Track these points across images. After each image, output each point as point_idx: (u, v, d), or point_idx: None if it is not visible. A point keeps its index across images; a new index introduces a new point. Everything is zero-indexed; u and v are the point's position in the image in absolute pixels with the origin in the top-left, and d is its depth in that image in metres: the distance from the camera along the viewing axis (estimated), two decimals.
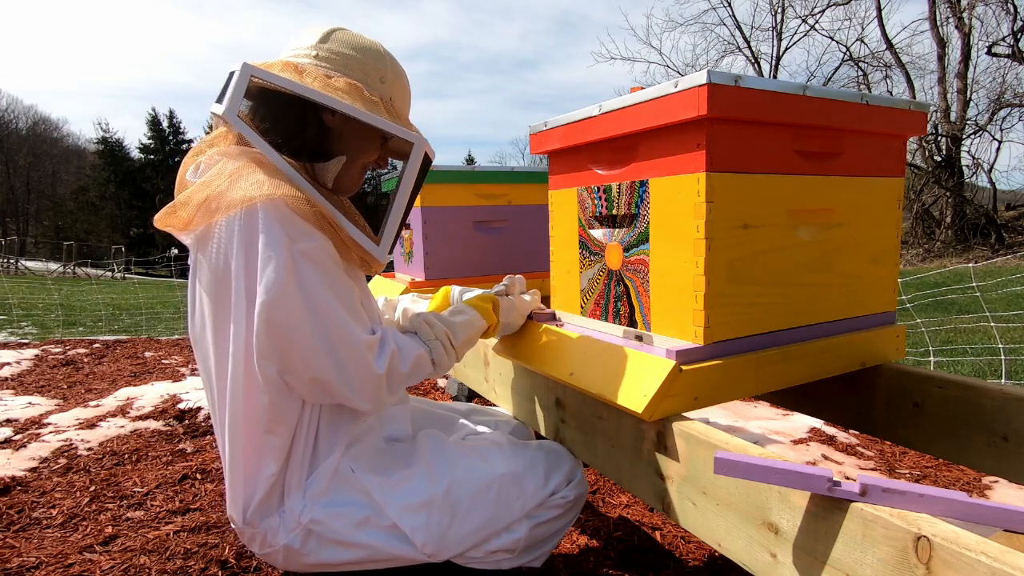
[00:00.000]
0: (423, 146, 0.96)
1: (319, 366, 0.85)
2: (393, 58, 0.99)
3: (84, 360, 4.20)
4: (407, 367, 0.93)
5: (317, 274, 0.84)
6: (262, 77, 0.88)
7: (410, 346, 0.95)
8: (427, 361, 0.97)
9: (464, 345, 1.04)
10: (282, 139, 0.91)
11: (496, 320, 1.12)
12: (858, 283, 1.13)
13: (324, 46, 0.94)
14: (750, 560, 0.74)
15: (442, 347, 0.99)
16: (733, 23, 19.33)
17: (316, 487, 0.94)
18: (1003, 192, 17.38)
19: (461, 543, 0.99)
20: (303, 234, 0.83)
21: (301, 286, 0.82)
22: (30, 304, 8.16)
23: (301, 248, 0.82)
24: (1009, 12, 13.88)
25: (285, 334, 0.82)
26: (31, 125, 41.53)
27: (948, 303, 6.14)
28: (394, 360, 0.91)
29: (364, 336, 0.88)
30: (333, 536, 0.93)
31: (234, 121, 0.88)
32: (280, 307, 0.81)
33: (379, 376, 0.89)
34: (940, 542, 0.52)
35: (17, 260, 21.28)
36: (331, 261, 0.87)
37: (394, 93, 0.98)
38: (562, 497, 1.10)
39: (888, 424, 1.19)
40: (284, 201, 0.82)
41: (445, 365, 1.00)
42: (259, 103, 0.93)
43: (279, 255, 0.80)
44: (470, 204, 1.89)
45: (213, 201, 0.83)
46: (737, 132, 0.91)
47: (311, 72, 0.90)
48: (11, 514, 1.77)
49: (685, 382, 0.90)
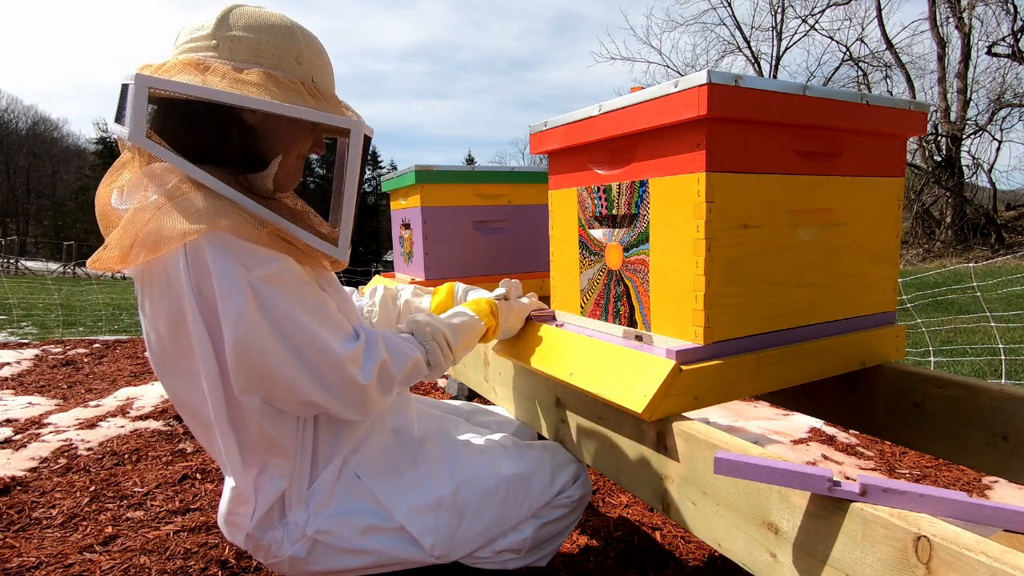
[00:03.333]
0: (361, 129, 0.86)
1: (302, 389, 0.82)
2: (305, 31, 0.87)
3: (84, 360, 4.20)
4: (400, 371, 0.91)
5: (281, 298, 0.79)
6: (162, 88, 0.76)
7: (404, 349, 0.93)
8: (422, 364, 0.95)
9: (462, 347, 1.03)
10: (203, 152, 0.80)
11: (495, 323, 1.11)
12: (858, 283, 1.13)
13: (224, 33, 0.81)
14: (750, 560, 0.74)
15: (439, 349, 0.97)
16: (733, 23, 19.35)
17: (319, 497, 0.92)
18: (1003, 192, 17.39)
19: (469, 544, 0.99)
20: (259, 260, 0.77)
21: (267, 315, 0.78)
22: (30, 304, 8.16)
23: (259, 275, 0.77)
24: (1009, 12, 13.88)
25: (261, 366, 0.79)
26: (31, 125, 41.57)
27: (948, 303, 6.14)
28: (384, 368, 0.88)
29: (344, 350, 0.84)
30: (340, 544, 0.92)
31: (145, 144, 0.75)
32: (250, 341, 0.77)
33: (364, 387, 0.85)
34: (940, 542, 0.52)
35: (17, 260, 21.28)
36: (295, 279, 0.81)
37: (314, 72, 0.87)
38: (567, 496, 1.10)
39: (888, 424, 1.19)
40: (228, 230, 0.75)
41: (442, 367, 0.98)
42: (165, 114, 0.82)
43: (237, 289, 0.75)
44: (470, 204, 1.89)
45: (148, 238, 0.74)
46: (737, 132, 0.91)
47: (217, 69, 0.79)
48: (11, 514, 1.77)
49: (685, 382, 0.90)
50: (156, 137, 0.78)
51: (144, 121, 0.75)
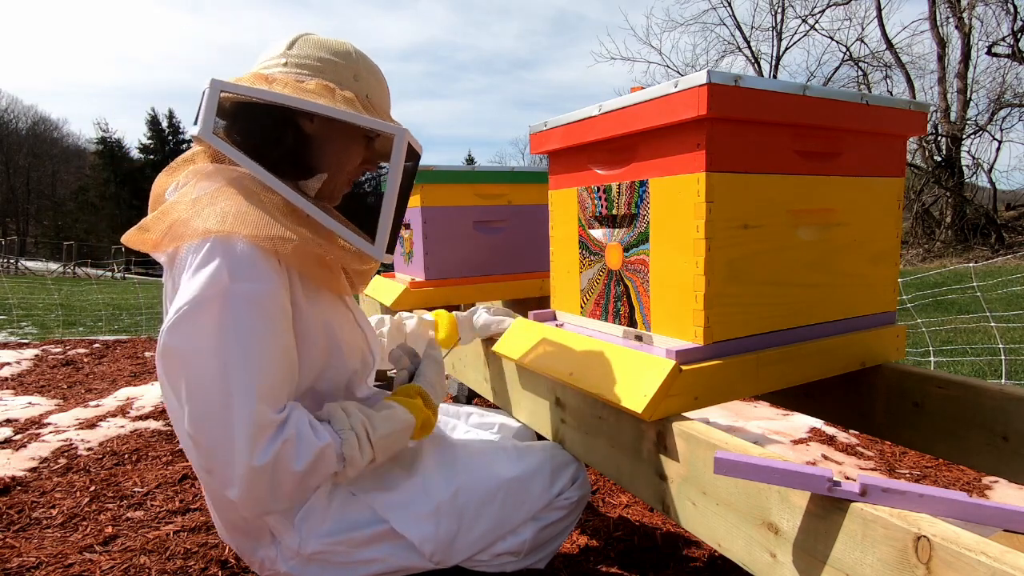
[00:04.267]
0: (405, 136, 0.90)
1: (197, 417, 0.75)
2: (365, 56, 0.96)
3: (84, 360, 4.20)
4: (301, 464, 0.78)
5: (246, 319, 0.76)
6: (231, 91, 0.85)
7: (313, 438, 0.80)
8: (332, 456, 0.81)
9: (385, 440, 0.88)
10: (260, 153, 0.86)
11: (428, 413, 0.97)
12: (858, 283, 1.13)
13: (291, 52, 0.91)
14: (750, 560, 0.74)
15: (355, 440, 0.84)
16: (733, 23, 19.34)
17: (312, 521, 0.90)
18: (1003, 192, 17.38)
19: (468, 549, 0.99)
20: (248, 275, 0.77)
21: (220, 325, 0.75)
22: (30, 304, 8.16)
23: (241, 288, 0.76)
24: (1009, 12, 13.87)
25: (181, 364, 0.76)
26: (31, 125, 41.56)
27: (948, 303, 6.14)
28: (284, 453, 0.76)
29: (263, 413, 0.76)
30: (338, 559, 0.92)
31: (210, 139, 0.84)
32: (182, 333, 0.75)
33: (250, 467, 0.75)
34: (940, 542, 0.52)
35: (17, 260, 21.28)
36: (275, 308, 0.80)
37: (370, 90, 0.94)
38: (566, 498, 1.10)
39: (888, 424, 1.19)
40: (245, 238, 0.77)
41: (357, 464, 0.84)
42: (233, 119, 0.89)
43: (209, 288, 0.75)
44: (470, 204, 1.89)
45: (178, 227, 0.79)
46: (737, 132, 0.91)
47: (281, 80, 0.87)
48: (11, 514, 1.77)
49: (685, 382, 0.90)
50: (222, 134, 0.86)
51: (212, 118, 0.84)
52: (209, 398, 0.75)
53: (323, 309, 0.92)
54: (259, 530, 0.92)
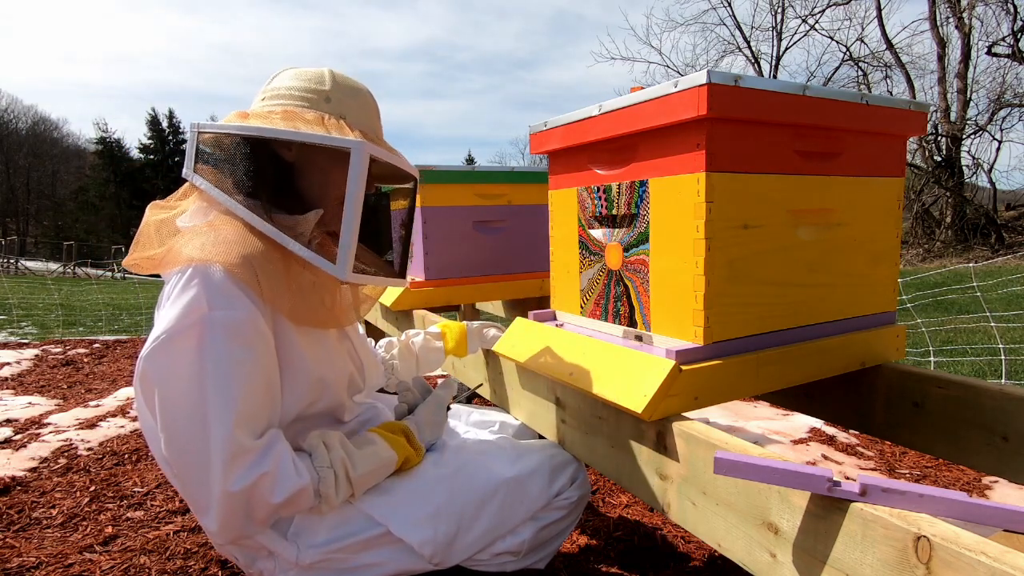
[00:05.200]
0: (363, 150, 0.84)
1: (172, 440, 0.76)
2: (346, 78, 0.96)
3: (84, 360, 4.20)
4: (279, 498, 0.79)
5: (224, 345, 0.78)
6: (207, 130, 0.90)
7: (293, 474, 0.81)
8: (309, 495, 0.83)
9: (364, 478, 0.90)
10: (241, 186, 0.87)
11: (411, 451, 0.99)
12: (858, 283, 1.13)
13: (270, 87, 0.95)
14: (750, 560, 0.74)
15: (334, 478, 0.85)
16: (733, 23, 19.33)
17: (306, 533, 0.90)
18: (1003, 192, 17.37)
19: (468, 550, 0.99)
20: (226, 303, 0.79)
21: (198, 351, 0.77)
22: (30, 304, 8.16)
23: (218, 316, 0.78)
24: (1009, 12, 13.87)
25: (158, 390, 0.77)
26: (31, 125, 41.54)
27: (948, 303, 6.14)
28: (262, 484, 0.77)
29: (239, 439, 0.76)
30: (336, 566, 0.92)
31: (191, 178, 0.89)
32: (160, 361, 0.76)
33: (226, 492, 0.75)
34: (940, 542, 0.52)
35: (17, 260, 21.27)
36: (254, 335, 0.81)
37: (346, 111, 0.93)
38: (566, 498, 1.10)
39: (888, 424, 1.19)
40: (222, 267, 0.80)
41: (332, 502, 0.86)
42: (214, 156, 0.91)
43: (187, 315, 0.77)
44: (470, 204, 1.89)
45: (168, 255, 0.85)
46: (737, 132, 0.91)
47: (255, 114, 0.91)
48: (11, 514, 1.77)
49: (685, 382, 0.90)
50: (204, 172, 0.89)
51: (192, 159, 0.89)
52: (186, 424, 0.76)
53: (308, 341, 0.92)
54: (254, 548, 0.91)
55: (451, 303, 1.98)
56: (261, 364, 0.82)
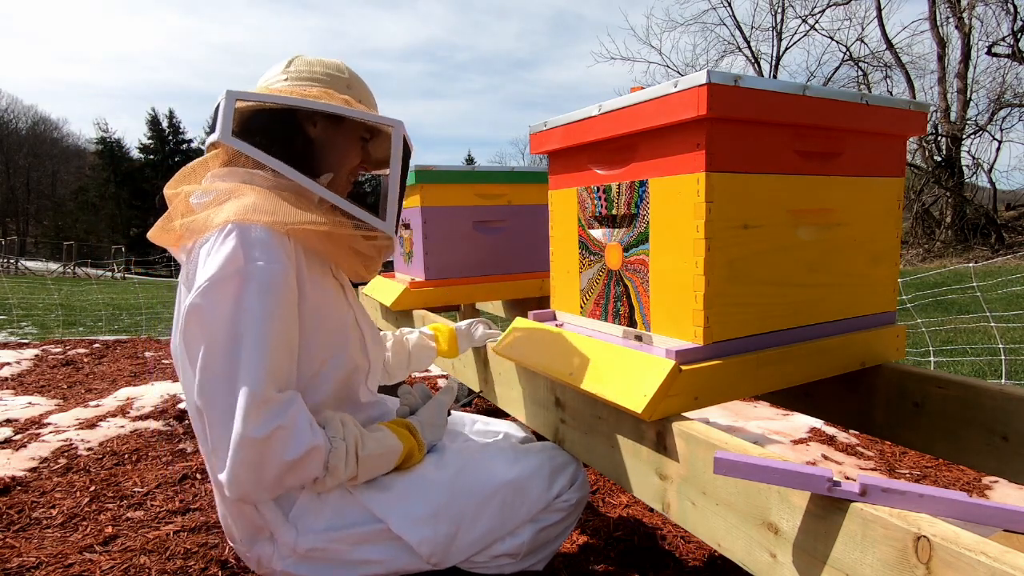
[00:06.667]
0: (402, 129, 1.01)
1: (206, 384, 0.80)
2: (352, 70, 1.07)
3: (84, 360, 4.20)
4: (291, 455, 0.80)
5: (259, 297, 0.82)
6: (246, 98, 0.94)
7: (308, 432, 0.83)
8: (320, 458, 0.84)
9: (370, 460, 0.91)
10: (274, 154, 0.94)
11: (414, 444, 1.00)
12: (858, 283, 1.13)
13: (290, 70, 1.01)
14: (750, 560, 0.74)
15: (344, 451, 0.87)
16: (733, 23, 19.34)
17: (306, 517, 0.92)
18: (1003, 192, 17.38)
19: (466, 551, 0.99)
20: (263, 256, 0.83)
21: (236, 300, 0.81)
22: (30, 304, 8.16)
23: (255, 268, 0.82)
24: (1009, 12, 13.87)
25: (201, 325, 0.81)
26: (31, 125, 41.55)
27: (948, 303, 6.14)
28: (277, 437, 0.79)
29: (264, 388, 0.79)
30: (333, 557, 0.92)
31: (231, 142, 0.92)
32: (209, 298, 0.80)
33: (245, 437, 0.77)
34: (940, 542, 0.52)
35: (17, 260, 21.28)
36: (286, 289, 0.85)
37: (361, 96, 1.05)
38: (565, 500, 1.09)
39: (888, 424, 1.19)
40: (259, 224, 0.84)
41: (339, 475, 0.87)
42: (247, 126, 0.96)
43: (226, 266, 0.81)
44: (470, 204, 1.89)
45: (198, 222, 0.87)
46: (737, 132, 0.91)
47: (286, 91, 0.97)
48: (11, 514, 1.77)
49: (685, 382, 0.90)
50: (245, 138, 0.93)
51: (230, 124, 0.92)
52: (221, 367, 0.80)
53: (327, 299, 0.97)
54: (256, 525, 0.93)
55: (451, 303, 1.98)
56: (288, 320, 0.86)
